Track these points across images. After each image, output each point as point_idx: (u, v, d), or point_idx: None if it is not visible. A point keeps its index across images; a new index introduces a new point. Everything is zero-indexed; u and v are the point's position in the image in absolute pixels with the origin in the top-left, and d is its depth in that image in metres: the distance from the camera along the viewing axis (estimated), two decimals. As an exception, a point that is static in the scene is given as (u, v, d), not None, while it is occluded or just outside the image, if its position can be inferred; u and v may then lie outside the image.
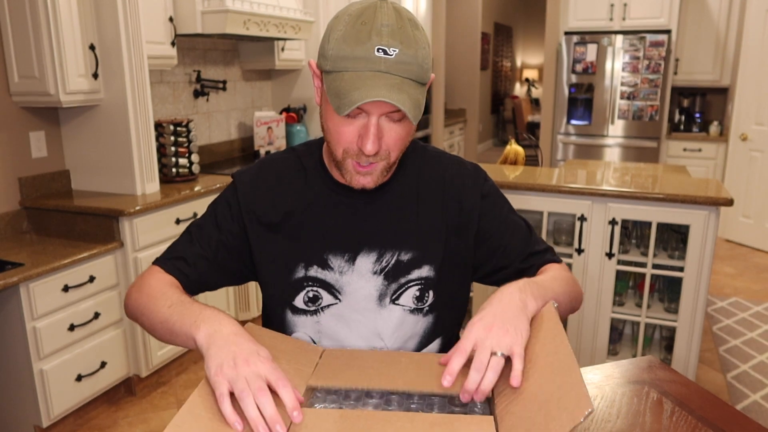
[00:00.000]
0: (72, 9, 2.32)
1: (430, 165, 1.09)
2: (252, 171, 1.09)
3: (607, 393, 1.05)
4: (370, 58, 0.85)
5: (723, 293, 3.68)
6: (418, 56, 0.87)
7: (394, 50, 0.85)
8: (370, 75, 0.85)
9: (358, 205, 1.03)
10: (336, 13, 0.92)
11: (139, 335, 2.49)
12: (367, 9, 0.87)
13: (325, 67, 0.90)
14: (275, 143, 3.72)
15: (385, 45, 0.85)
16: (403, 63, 0.86)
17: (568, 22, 5.11)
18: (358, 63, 0.85)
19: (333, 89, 0.87)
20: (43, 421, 2.15)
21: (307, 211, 1.04)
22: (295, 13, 3.35)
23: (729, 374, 2.71)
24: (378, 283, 1.03)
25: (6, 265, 2.06)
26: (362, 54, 0.85)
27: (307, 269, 1.03)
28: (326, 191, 1.04)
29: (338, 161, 0.96)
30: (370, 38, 0.85)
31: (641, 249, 2.49)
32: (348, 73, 0.86)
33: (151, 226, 2.49)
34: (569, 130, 5.26)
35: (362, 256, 1.02)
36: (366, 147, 0.89)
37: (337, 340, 1.04)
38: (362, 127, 0.90)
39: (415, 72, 0.87)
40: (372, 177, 0.96)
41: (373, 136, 0.89)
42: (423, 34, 0.90)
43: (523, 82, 11.37)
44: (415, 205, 1.05)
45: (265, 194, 1.05)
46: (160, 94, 3.16)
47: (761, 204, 4.52)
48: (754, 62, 4.49)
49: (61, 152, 2.69)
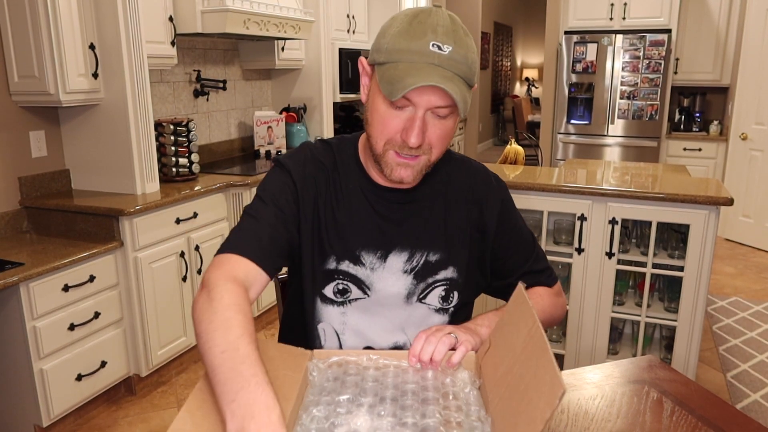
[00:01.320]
0: (72, 9, 2.32)
1: (459, 170, 1.13)
2: (299, 157, 1.07)
3: (607, 392, 1.05)
4: (425, 52, 0.89)
5: (723, 293, 3.68)
6: (468, 58, 0.91)
7: (448, 47, 0.89)
8: (425, 66, 0.89)
9: (393, 205, 1.06)
10: (392, 16, 0.97)
11: (139, 335, 2.49)
12: (422, 11, 0.92)
13: (379, 60, 0.93)
14: (275, 143, 3.72)
15: (440, 42, 0.89)
16: (455, 60, 0.90)
17: (568, 22, 5.10)
18: (414, 55, 0.89)
19: (387, 77, 0.91)
20: (43, 421, 2.15)
21: (343, 206, 1.05)
22: (295, 13, 3.35)
23: (729, 373, 2.71)
24: (408, 282, 1.06)
25: (6, 265, 2.06)
26: (417, 48, 0.89)
27: (339, 263, 1.05)
28: (362, 189, 1.06)
29: (378, 154, 0.98)
30: (425, 34, 0.89)
31: (641, 248, 2.49)
32: (403, 63, 0.90)
33: (151, 226, 2.49)
34: (569, 129, 5.26)
35: (394, 255, 1.05)
36: (410, 139, 0.92)
37: (361, 333, 1.07)
38: (408, 120, 0.93)
39: (465, 71, 0.91)
40: (412, 170, 0.98)
41: (418, 129, 0.92)
42: (473, 42, 0.95)
43: (523, 81, 11.37)
44: (443, 208, 1.09)
45: (309, 182, 1.05)
46: (160, 93, 3.16)
47: (761, 204, 4.52)
48: (754, 62, 4.49)
49: (61, 152, 2.69)
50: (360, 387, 0.87)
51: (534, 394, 0.71)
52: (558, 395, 0.65)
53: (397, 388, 0.88)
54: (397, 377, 0.91)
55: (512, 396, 0.76)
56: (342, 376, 0.90)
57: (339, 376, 0.90)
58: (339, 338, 1.07)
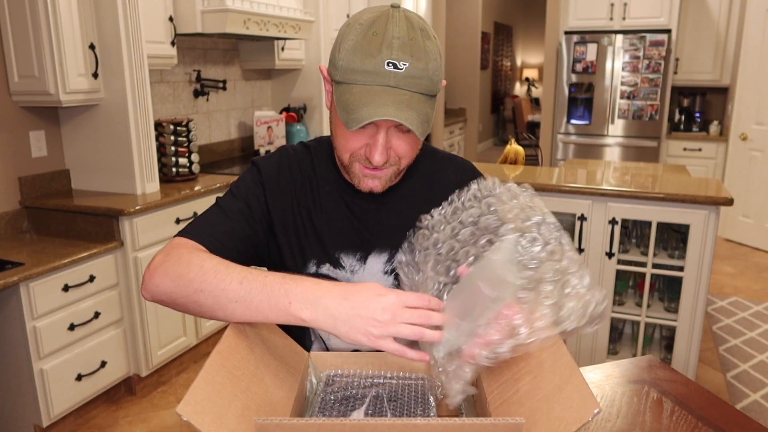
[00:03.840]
0: (72, 9, 2.32)
1: (443, 168, 1.10)
2: (273, 160, 1.06)
3: (607, 392, 1.05)
4: (380, 72, 0.84)
5: (723, 293, 3.68)
6: (429, 69, 0.86)
7: (405, 64, 0.85)
8: (379, 90, 0.85)
9: (371, 206, 1.04)
10: (348, 20, 0.91)
11: (139, 335, 2.49)
12: (378, 18, 0.86)
13: (335, 77, 0.89)
14: (275, 143, 3.72)
15: (396, 59, 0.84)
16: (412, 77, 0.85)
17: (568, 22, 5.10)
18: (368, 77, 0.85)
19: (342, 102, 0.87)
20: (43, 421, 2.15)
21: (320, 209, 1.04)
22: (295, 13, 3.35)
23: (729, 374, 2.71)
24: (389, 282, 1.04)
25: (6, 265, 2.06)
26: (372, 68, 0.85)
27: (319, 266, 1.03)
28: (339, 191, 1.04)
29: (345, 165, 0.96)
30: (380, 51, 0.84)
31: (641, 248, 2.49)
32: (357, 86, 0.86)
33: (151, 226, 2.49)
34: (569, 129, 5.26)
35: (373, 257, 1.04)
36: (374, 158, 0.90)
37: None
38: (371, 137, 0.91)
39: (424, 86, 0.87)
40: (380, 181, 0.96)
41: (381, 147, 0.90)
42: (435, 43, 0.89)
43: (523, 81, 11.36)
44: (427, 208, 1.05)
45: (284, 186, 1.04)
46: (160, 93, 3.16)
47: (761, 204, 4.52)
48: (754, 62, 4.49)
49: (61, 152, 2.69)
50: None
51: (557, 406, 0.69)
52: (592, 411, 0.63)
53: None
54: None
55: (523, 404, 0.75)
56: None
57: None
58: (324, 342, 1.06)
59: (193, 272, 0.82)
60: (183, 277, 0.83)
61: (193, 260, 0.84)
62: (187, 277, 0.82)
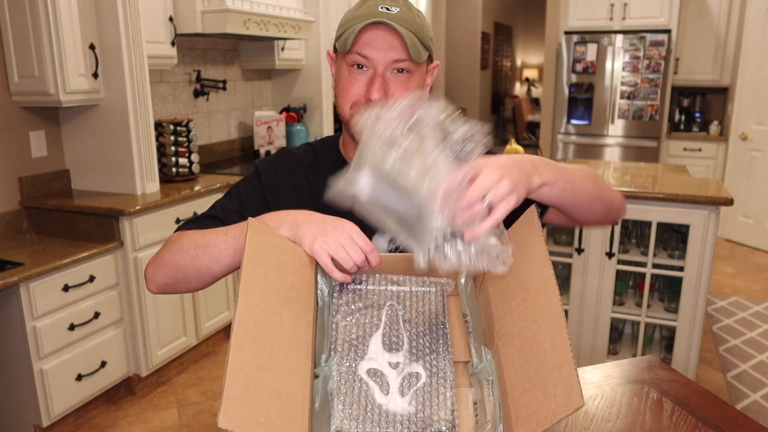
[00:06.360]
0: (72, 9, 2.32)
1: None
2: (272, 160, 1.12)
3: (607, 393, 1.05)
4: (374, 13, 0.94)
5: (723, 293, 3.68)
6: (418, 20, 0.96)
7: (396, 8, 0.94)
8: (374, 20, 0.94)
9: None
10: None
11: (139, 335, 2.49)
12: None
13: (336, 36, 0.99)
14: (275, 143, 3.72)
15: (388, 4, 0.95)
16: (404, 19, 0.94)
17: (568, 22, 5.10)
18: (364, 18, 0.94)
19: (342, 40, 0.96)
20: (43, 421, 2.15)
21: (324, 202, 1.04)
22: (295, 13, 3.35)
23: (729, 374, 2.71)
24: None
25: (6, 265, 2.06)
26: (366, 11, 0.95)
27: None
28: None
29: (347, 120, 1.00)
30: (375, 1, 0.95)
31: (641, 249, 2.49)
32: (354, 25, 0.95)
33: (151, 226, 2.49)
34: (569, 129, 5.26)
35: (377, 237, 1.06)
36: (372, 94, 0.95)
37: None
38: (369, 80, 0.97)
39: (415, 28, 0.95)
40: None
41: (378, 84, 0.96)
42: (425, 20, 0.99)
43: (523, 81, 11.36)
44: None
45: (284, 183, 1.08)
46: (160, 93, 3.16)
47: (761, 204, 4.52)
48: (754, 62, 4.49)
49: (61, 152, 2.69)
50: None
51: (551, 383, 0.66)
52: (574, 407, 0.61)
53: None
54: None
55: (524, 353, 0.71)
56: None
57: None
58: None
59: (186, 244, 0.95)
60: (178, 252, 0.95)
61: (182, 237, 0.97)
62: (182, 249, 0.95)
